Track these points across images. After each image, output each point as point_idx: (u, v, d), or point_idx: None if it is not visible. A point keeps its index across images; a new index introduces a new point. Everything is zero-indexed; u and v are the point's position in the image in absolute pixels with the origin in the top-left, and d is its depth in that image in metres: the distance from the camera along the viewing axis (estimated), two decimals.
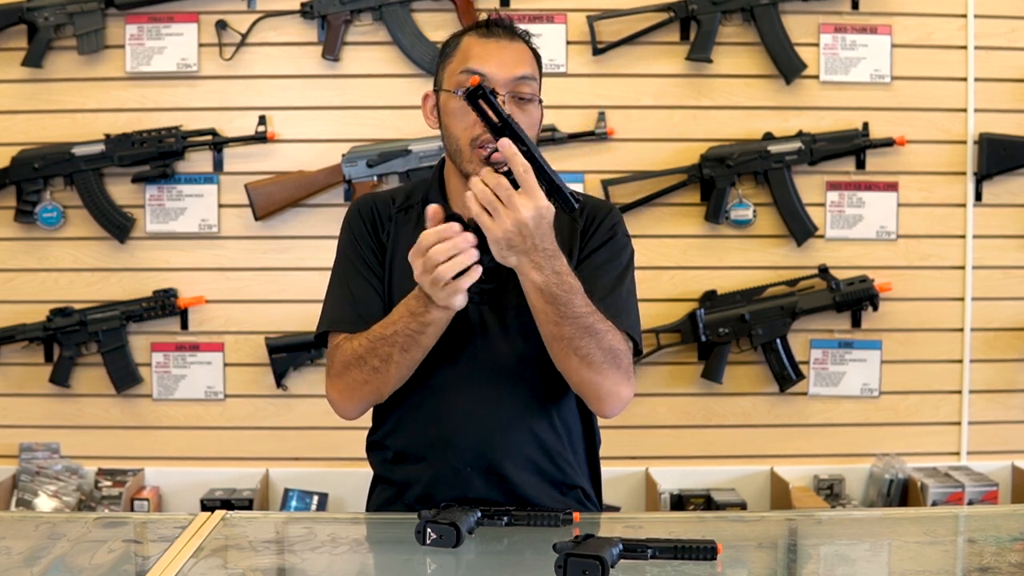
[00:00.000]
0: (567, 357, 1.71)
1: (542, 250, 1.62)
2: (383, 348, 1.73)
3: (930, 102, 3.27)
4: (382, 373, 1.75)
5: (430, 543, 1.53)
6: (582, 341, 1.68)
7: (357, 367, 1.76)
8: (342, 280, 1.87)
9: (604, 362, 1.71)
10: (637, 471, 3.30)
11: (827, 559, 1.70)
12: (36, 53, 3.17)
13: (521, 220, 1.58)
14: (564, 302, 1.66)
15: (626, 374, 1.75)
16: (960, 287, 3.31)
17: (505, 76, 1.77)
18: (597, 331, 1.69)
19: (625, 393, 1.76)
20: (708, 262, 3.28)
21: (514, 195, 1.58)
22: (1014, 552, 1.61)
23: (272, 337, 3.24)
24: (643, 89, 3.25)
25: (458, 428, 1.81)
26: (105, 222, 3.21)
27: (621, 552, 1.43)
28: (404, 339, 1.71)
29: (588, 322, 1.68)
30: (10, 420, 3.26)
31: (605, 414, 1.81)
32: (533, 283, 1.64)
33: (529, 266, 1.63)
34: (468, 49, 1.81)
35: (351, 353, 1.78)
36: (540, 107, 1.84)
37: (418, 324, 1.69)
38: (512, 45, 1.81)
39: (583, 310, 1.68)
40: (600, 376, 1.72)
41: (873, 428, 3.32)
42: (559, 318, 1.67)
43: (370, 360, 1.74)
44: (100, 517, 2.05)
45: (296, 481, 3.25)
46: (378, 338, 1.74)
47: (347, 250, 1.89)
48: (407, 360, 1.74)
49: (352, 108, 3.24)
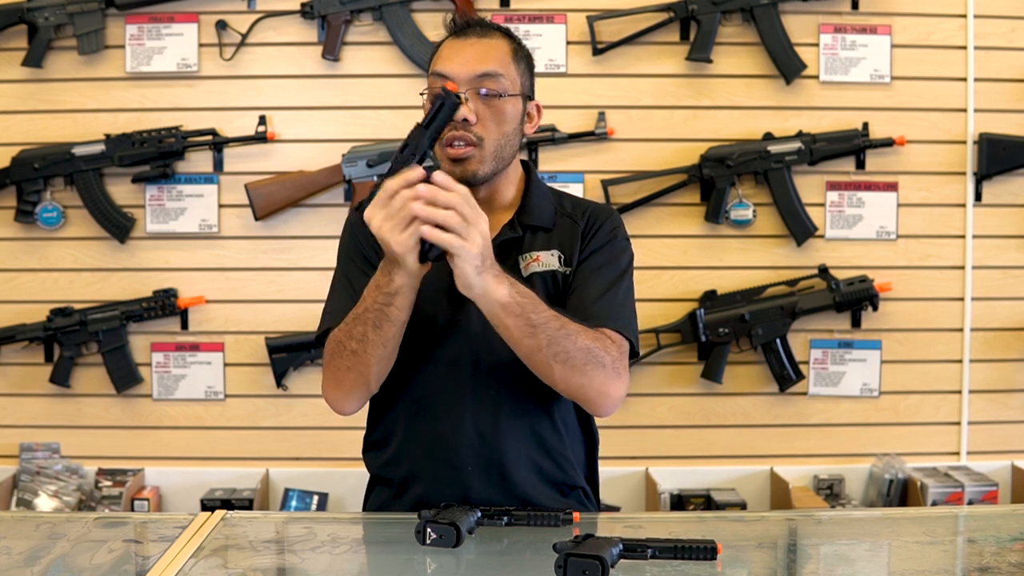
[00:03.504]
0: (549, 366, 1.69)
1: (492, 261, 1.63)
2: (358, 328, 1.72)
3: (930, 102, 3.27)
4: (360, 356, 1.73)
5: (430, 543, 1.53)
6: (559, 345, 1.67)
7: (339, 355, 1.76)
8: (343, 280, 1.88)
9: (586, 362, 1.70)
10: (637, 471, 3.30)
11: (827, 559, 1.70)
12: (36, 53, 3.18)
13: (484, 231, 1.59)
14: (531, 309, 1.65)
15: (614, 372, 1.74)
16: (960, 287, 3.31)
17: (467, 74, 1.77)
18: (570, 332, 1.69)
19: (615, 392, 1.75)
20: (708, 262, 3.29)
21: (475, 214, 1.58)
22: (1014, 552, 1.61)
23: (272, 337, 3.24)
24: (643, 89, 3.26)
25: (458, 428, 1.81)
26: (105, 222, 3.21)
27: (621, 552, 1.43)
28: (375, 314, 1.69)
29: (557, 324, 1.68)
30: (10, 420, 3.27)
31: (599, 414, 1.81)
32: (499, 300, 1.63)
33: (494, 283, 1.62)
34: (440, 51, 1.84)
35: (333, 341, 1.78)
36: (520, 101, 1.82)
37: (384, 296, 1.67)
38: (480, 42, 1.81)
39: (548, 313, 1.67)
40: (585, 377, 1.71)
41: (873, 428, 3.32)
42: (531, 327, 1.65)
43: (348, 344, 1.74)
44: (100, 517, 2.05)
45: (296, 481, 3.25)
46: (353, 320, 1.73)
47: (349, 251, 1.89)
48: (381, 338, 1.71)
49: (352, 108, 3.24)
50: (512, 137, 1.81)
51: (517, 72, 1.82)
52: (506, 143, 1.79)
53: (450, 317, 1.81)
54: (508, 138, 1.80)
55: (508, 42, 1.84)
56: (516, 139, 1.83)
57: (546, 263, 1.83)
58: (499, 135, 1.78)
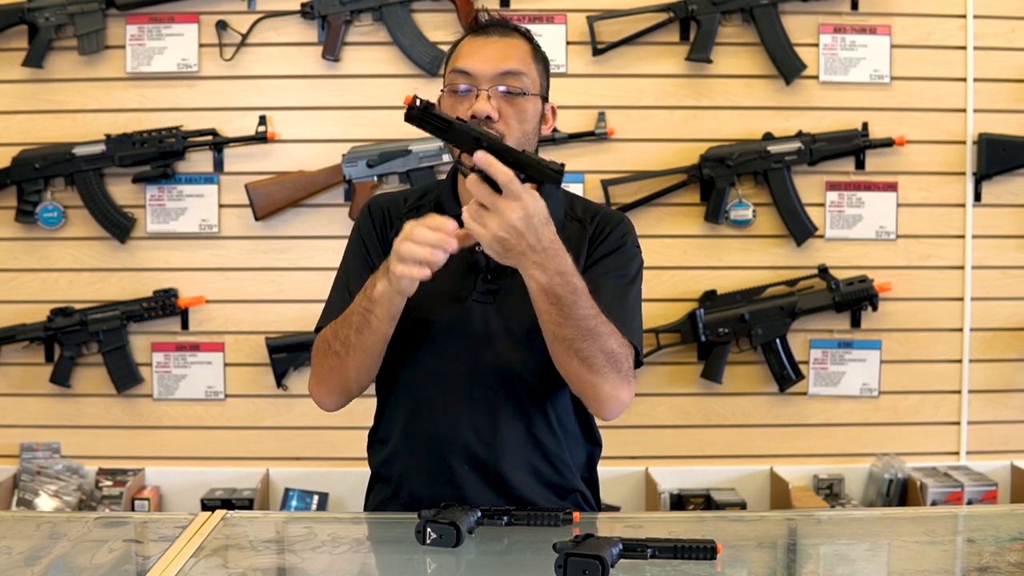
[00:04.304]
0: (568, 359, 1.70)
1: (541, 250, 1.61)
2: (343, 330, 1.75)
3: (929, 102, 3.27)
4: (343, 357, 1.76)
5: (430, 543, 1.53)
6: (584, 343, 1.68)
7: (325, 354, 1.80)
8: (344, 280, 1.89)
9: (605, 365, 1.71)
10: (637, 471, 3.30)
11: (827, 559, 1.70)
12: (37, 53, 3.18)
13: (508, 223, 1.57)
14: (568, 303, 1.65)
15: (626, 378, 1.75)
16: (959, 287, 3.31)
17: (490, 72, 1.77)
18: (600, 334, 1.69)
19: (625, 397, 1.76)
20: (708, 262, 3.29)
21: (498, 200, 1.57)
22: (1013, 552, 1.62)
23: (272, 337, 3.25)
24: (643, 89, 3.26)
25: (454, 428, 1.81)
26: (105, 222, 3.21)
27: (621, 552, 1.43)
28: (358, 318, 1.72)
29: (591, 324, 1.68)
30: (11, 420, 3.27)
31: (604, 417, 1.80)
32: (537, 283, 1.64)
33: (531, 267, 1.62)
34: (460, 49, 1.83)
35: (322, 339, 1.81)
36: (540, 101, 1.83)
37: (367, 301, 1.70)
38: (502, 41, 1.81)
39: (587, 312, 1.67)
40: (600, 378, 1.72)
41: (873, 428, 3.33)
42: (562, 319, 1.66)
43: (333, 344, 1.77)
44: (101, 517, 2.05)
45: (296, 481, 3.25)
46: (341, 320, 1.76)
47: (353, 250, 1.91)
48: (362, 343, 1.74)
49: (352, 108, 3.24)
50: (531, 136, 1.81)
51: (537, 72, 1.83)
52: (525, 142, 1.79)
53: (450, 318, 1.81)
54: (528, 136, 1.80)
55: (528, 43, 1.85)
56: (534, 139, 1.83)
57: None
58: (520, 133, 1.78)
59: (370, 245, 1.88)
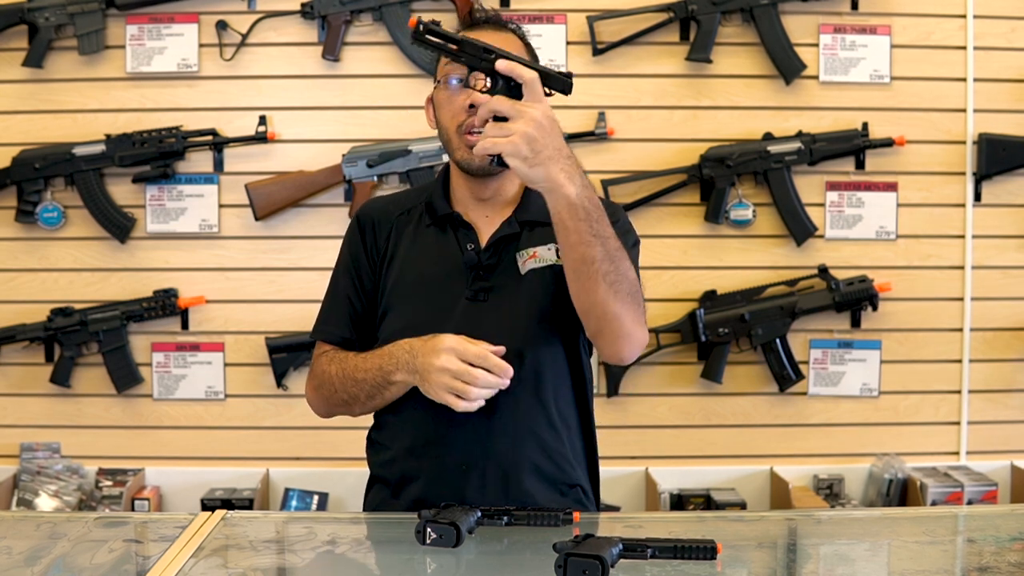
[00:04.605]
0: (595, 284, 1.66)
1: (567, 156, 1.60)
2: (352, 388, 1.84)
3: (929, 102, 3.27)
4: (350, 406, 1.88)
5: (430, 543, 1.53)
6: (611, 265, 1.65)
7: (329, 390, 1.88)
8: (333, 288, 1.94)
9: (629, 294, 1.68)
10: (637, 471, 3.30)
11: (827, 559, 1.70)
12: (37, 53, 3.18)
13: (536, 121, 1.56)
14: (596, 218, 1.62)
15: (643, 316, 1.74)
16: (959, 287, 3.31)
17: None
18: (622, 257, 1.67)
19: (641, 336, 1.75)
20: (708, 262, 3.29)
21: (520, 105, 1.58)
22: (1013, 552, 1.62)
23: (272, 337, 3.25)
24: (643, 89, 3.26)
25: (456, 427, 1.80)
26: (105, 222, 3.21)
27: (621, 552, 1.43)
28: (370, 388, 1.81)
29: (615, 244, 1.66)
30: (11, 420, 3.27)
31: (622, 356, 1.77)
32: (567, 197, 1.60)
33: (562, 176, 1.59)
34: None
35: (326, 376, 1.88)
36: None
37: (384, 381, 1.78)
38: (495, 36, 1.82)
39: (610, 231, 1.65)
40: (625, 308, 1.69)
41: (873, 428, 3.32)
42: (592, 236, 1.62)
43: (340, 393, 1.86)
44: (101, 517, 2.05)
45: (296, 481, 3.25)
46: (349, 378, 1.83)
47: (343, 268, 1.94)
48: (372, 405, 1.86)
49: (352, 108, 3.24)
50: None
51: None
52: None
53: (445, 318, 1.81)
54: None
55: (519, 40, 1.86)
56: None
57: (543, 258, 1.84)
58: None
59: (358, 261, 1.90)
